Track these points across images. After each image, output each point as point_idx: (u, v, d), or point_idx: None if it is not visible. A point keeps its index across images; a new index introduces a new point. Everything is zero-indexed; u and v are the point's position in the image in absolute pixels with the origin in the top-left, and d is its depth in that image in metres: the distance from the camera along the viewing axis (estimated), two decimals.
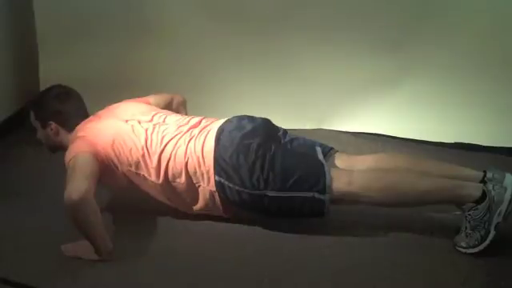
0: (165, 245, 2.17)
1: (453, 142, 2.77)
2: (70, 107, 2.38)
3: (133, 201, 2.41)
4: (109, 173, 2.22)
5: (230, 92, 2.91)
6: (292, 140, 2.31)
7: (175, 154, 2.19)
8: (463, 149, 2.73)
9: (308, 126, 2.91)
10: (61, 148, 2.35)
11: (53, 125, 2.35)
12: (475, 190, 2.04)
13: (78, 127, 2.32)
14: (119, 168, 2.23)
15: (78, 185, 2.01)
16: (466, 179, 2.10)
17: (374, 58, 2.79)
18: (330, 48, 2.79)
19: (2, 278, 1.98)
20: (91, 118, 2.38)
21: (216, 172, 2.14)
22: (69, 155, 2.16)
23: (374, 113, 2.90)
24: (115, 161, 2.22)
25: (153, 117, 2.33)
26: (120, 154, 2.21)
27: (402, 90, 2.84)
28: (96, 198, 2.04)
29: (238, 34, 2.81)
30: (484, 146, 2.73)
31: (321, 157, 2.22)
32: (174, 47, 2.87)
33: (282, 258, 2.11)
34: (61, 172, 2.13)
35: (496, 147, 2.73)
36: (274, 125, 2.35)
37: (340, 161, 2.27)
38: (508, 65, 2.67)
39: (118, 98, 2.48)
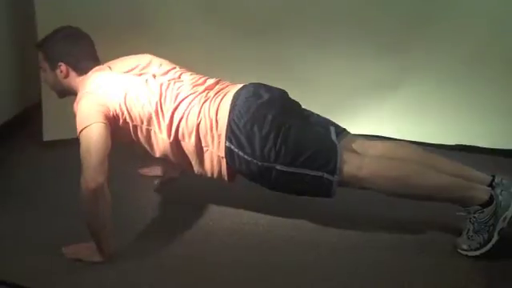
0: (165, 245, 2.17)
1: (454, 144, 2.77)
2: (80, 49, 2.28)
3: (133, 200, 2.42)
4: (118, 129, 2.15)
5: None
6: (308, 116, 2.25)
7: (188, 113, 2.13)
8: (464, 151, 2.72)
9: None
10: (69, 92, 2.29)
11: (62, 66, 2.25)
12: (483, 193, 2.03)
13: (88, 76, 2.23)
14: (129, 124, 2.17)
15: (96, 173, 1.97)
16: (474, 181, 2.08)
17: (375, 61, 2.78)
18: (331, 51, 2.78)
19: (1, 280, 1.97)
20: (103, 66, 2.29)
21: (227, 138, 2.09)
22: (81, 121, 2.07)
23: (376, 115, 2.89)
24: (126, 116, 2.16)
25: (169, 71, 2.28)
26: (132, 109, 2.15)
27: (404, 92, 2.84)
28: None
29: (237, 36, 2.80)
30: (485, 148, 2.73)
31: (334, 137, 2.17)
32: (174, 49, 2.85)
33: (283, 259, 2.11)
34: (60, 173, 2.12)
35: (497, 149, 2.73)
36: (290, 98, 2.27)
37: (352, 144, 2.21)
38: (509, 67, 2.67)
39: None
